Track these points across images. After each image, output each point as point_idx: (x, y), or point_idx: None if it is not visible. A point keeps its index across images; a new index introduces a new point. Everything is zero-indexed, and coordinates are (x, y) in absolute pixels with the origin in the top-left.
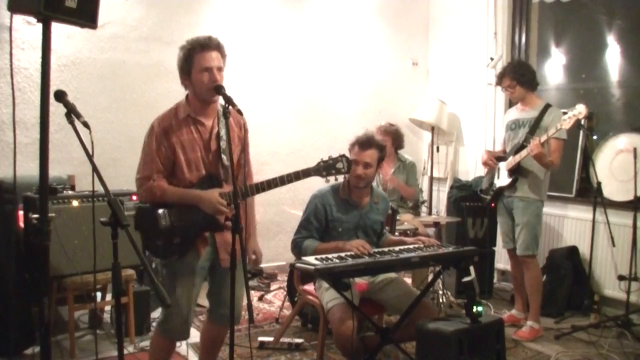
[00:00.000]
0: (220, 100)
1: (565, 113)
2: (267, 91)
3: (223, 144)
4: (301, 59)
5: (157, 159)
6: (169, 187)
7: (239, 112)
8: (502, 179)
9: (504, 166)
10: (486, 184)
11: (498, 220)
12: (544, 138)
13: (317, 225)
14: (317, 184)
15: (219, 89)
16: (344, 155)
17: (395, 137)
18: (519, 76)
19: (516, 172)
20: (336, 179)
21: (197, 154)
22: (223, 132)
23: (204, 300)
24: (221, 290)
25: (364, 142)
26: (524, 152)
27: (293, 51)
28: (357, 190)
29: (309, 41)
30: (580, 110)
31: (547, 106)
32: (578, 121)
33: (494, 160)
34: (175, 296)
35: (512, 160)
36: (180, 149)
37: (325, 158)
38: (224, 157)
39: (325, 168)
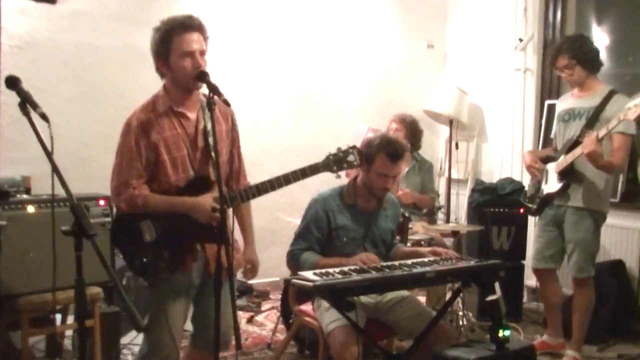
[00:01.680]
0: (204, 89)
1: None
2: (259, 80)
3: (211, 141)
4: (298, 43)
5: (136, 162)
6: (153, 195)
7: (226, 102)
8: (552, 184)
9: (551, 168)
10: (532, 190)
11: (538, 232)
12: (602, 132)
13: (318, 235)
14: (316, 187)
15: (202, 76)
16: (354, 147)
17: (411, 130)
18: (580, 54)
19: (568, 175)
20: (347, 175)
21: (183, 152)
22: (209, 127)
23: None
24: (209, 312)
25: (395, 155)
26: (577, 151)
27: (289, 34)
28: (366, 194)
29: (306, 22)
30: None
31: (612, 93)
32: None
33: (539, 163)
34: (164, 323)
35: (563, 161)
36: (164, 147)
37: (334, 151)
38: (213, 155)
39: (335, 162)
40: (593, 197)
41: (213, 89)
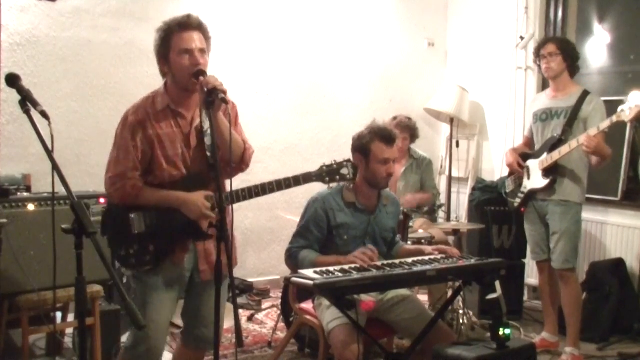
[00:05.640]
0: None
1: (620, 102)
2: (258, 77)
3: (207, 140)
4: (298, 39)
5: (132, 154)
6: (147, 188)
7: (224, 101)
8: (534, 180)
9: (533, 165)
10: (512, 186)
11: (527, 228)
12: (593, 132)
13: (317, 235)
14: (316, 186)
15: (199, 74)
16: (349, 160)
17: (413, 133)
18: (567, 48)
19: (553, 171)
20: (339, 185)
21: (177, 151)
22: (207, 126)
23: (177, 319)
24: (199, 308)
25: (389, 138)
26: (564, 149)
27: (290, 31)
28: (366, 191)
29: (308, 19)
30: (638, 102)
31: (585, 93)
32: None
33: (520, 162)
34: (148, 314)
35: (548, 158)
36: (158, 144)
37: (328, 162)
38: (208, 154)
39: (328, 173)
40: (576, 190)
41: (210, 91)
